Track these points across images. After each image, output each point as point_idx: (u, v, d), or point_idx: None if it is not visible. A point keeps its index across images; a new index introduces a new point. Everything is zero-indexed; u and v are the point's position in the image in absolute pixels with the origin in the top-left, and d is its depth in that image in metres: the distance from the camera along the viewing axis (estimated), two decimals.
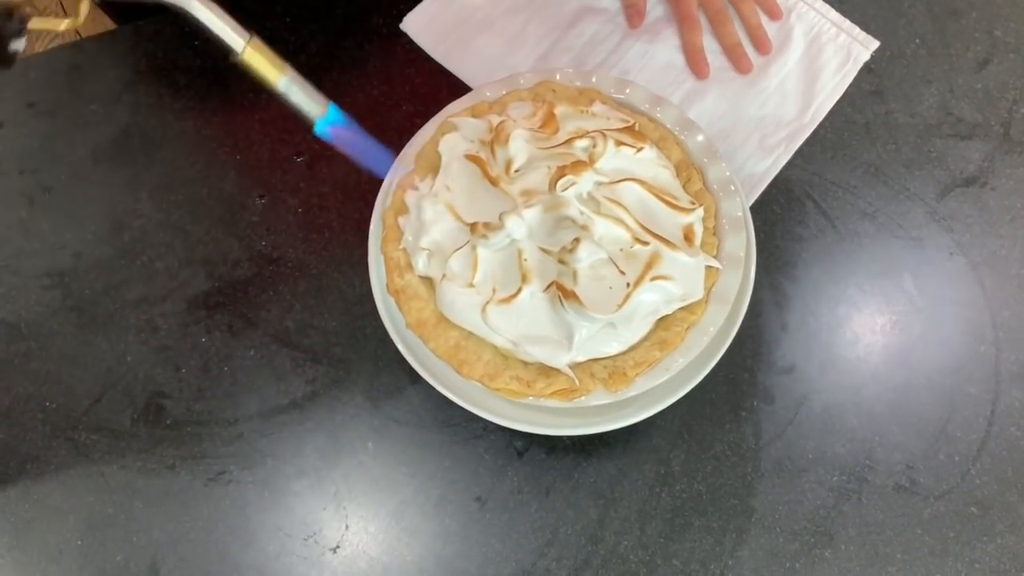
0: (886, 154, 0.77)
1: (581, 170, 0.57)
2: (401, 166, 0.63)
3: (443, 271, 0.58)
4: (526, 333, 0.56)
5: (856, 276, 0.73)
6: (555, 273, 0.56)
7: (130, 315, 0.73)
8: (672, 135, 0.65)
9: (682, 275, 0.57)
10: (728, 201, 0.62)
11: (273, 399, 0.71)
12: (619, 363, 0.57)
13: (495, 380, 0.57)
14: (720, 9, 0.81)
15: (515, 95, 0.66)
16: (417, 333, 0.59)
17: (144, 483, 0.68)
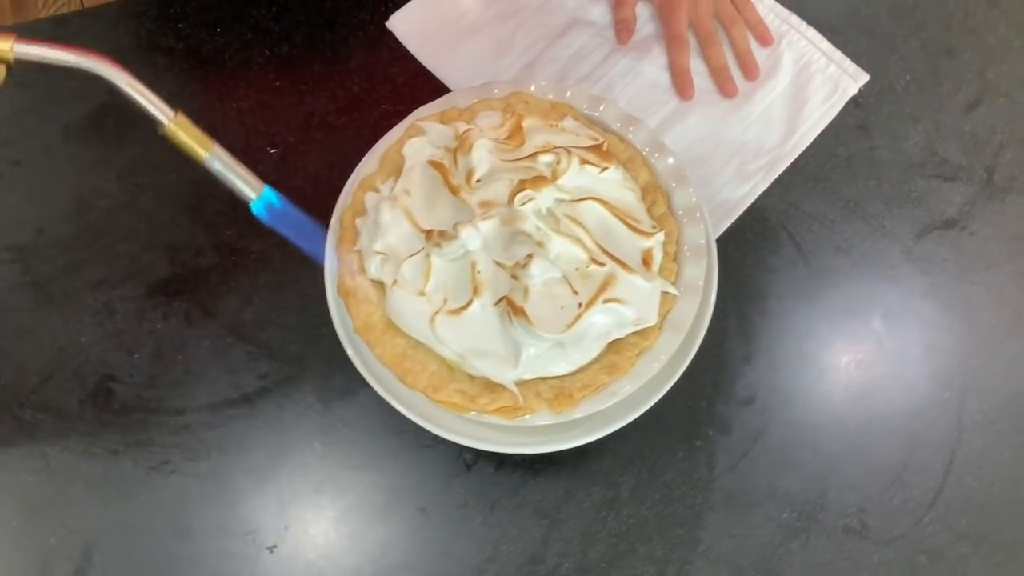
0: (866, 190, 0.76)
1: (541, 185, 0.56)
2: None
3: (395, 277, 0.57)
4: (473, 346, 0.55)
5: (825, 312, 0.72)
6: (507, 288, 0.55)
7: (88, 296, 0.72)
8: (641, 156, 0.63)
9: (636, 299, 0.56)
10: (692, 228, 0.61)
11: (224, 392, 0.69)
12: (566, 384, 0.56)
13: (439, 392, 0.56)
14: (710, 31, 0.80)
15: (486, 104, 0.65)
16: (364, 338, 0.58)
17: (86, 467, 0.67)
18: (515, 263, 0.55)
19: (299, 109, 0.79)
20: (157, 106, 0.47)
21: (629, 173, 0.63)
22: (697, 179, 0.75)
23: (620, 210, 0.59)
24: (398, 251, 0.58)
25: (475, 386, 0.57)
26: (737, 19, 0.81)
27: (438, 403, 0.56)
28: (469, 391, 0.56)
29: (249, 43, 0.82)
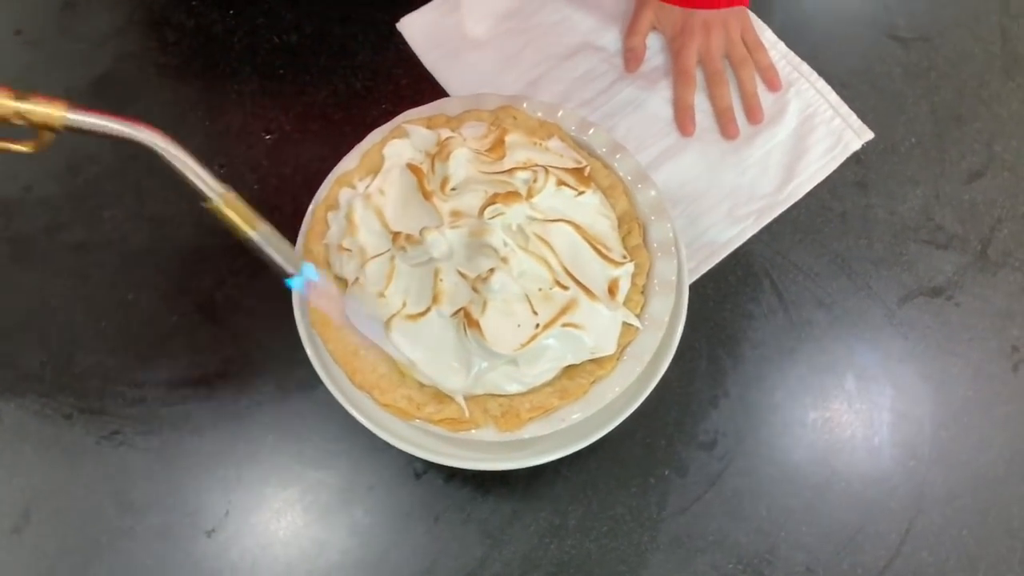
0: (856, 248, 0.75)
1: (513, 201, 0.55)
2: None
3: (357, 275, 0.57)
4: (425, 355, 0.55)
5: (799, 365, 0.71)
6: (467, 300, 0.55)
7: (65, 258, 0.73)
8: (623, 185, 0.63)
9: (596, 327, 0.55)
10: (665, 262, 0.60)
11: (184, 370, 0.69)
12: (515, 403, 0.55)
13: (385, 395, 0.55)
14: (718, 70, 0.79)
15: (475, 114, 0.65)
16: (319, 331, 0.57)
17: (37, 427, 0.67)
18: (477, 276, 0.54)
19: (299, 99, 0.79)
20: (207, 182, 0.47)
21: (608, 200, 0.62)
22: (685, 216, 0.74)
23: (592, 236, 0.58)
24: (364, 250, 0.57)
25: (424, 394, 0.56)
26: (748, 61, 0.80)
27: (384, 406, 0.56)
28: (417, 398, 0.56)
29: (259, 28, 0.82)
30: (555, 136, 0.64)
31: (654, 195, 0.62)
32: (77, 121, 0.43)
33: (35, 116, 0.42)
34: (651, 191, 0.62)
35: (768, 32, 0.83)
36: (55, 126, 0.43)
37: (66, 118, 0.43)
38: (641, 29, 0.81)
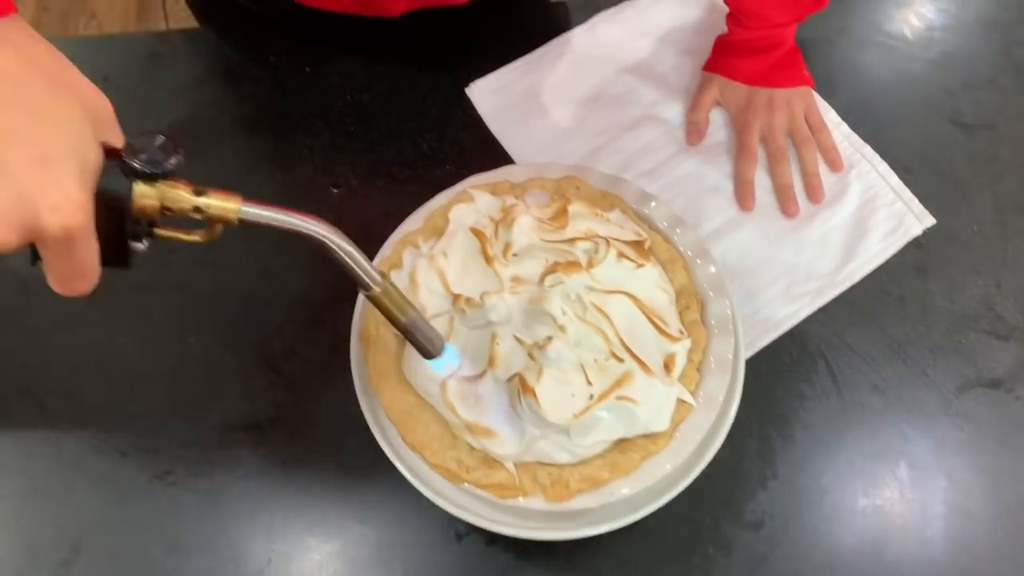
0: (914, 334, 0.74)
1: (573, 271, 0.56)
2: None
3: None
4: (479, 418, 0.55)
5: (850, 450, 0.70)
6: (522, 366, 0.55)
7: (131, 298, 0.75)
8: (682, 260, 0.63)
9: (651, 402, 0.55)
10: (722, 340, 0.60)
11: (238, 414, 0.70)
12: (565, 473, 0.55)
13: (436, 456, 0.56)
14: (780, 147, 0.80)
15: (539, 182, 0.66)
16: (375, 387, 0.58)
17: (94, 462, 0.69)
18: (534, 342, 0.55)
19: (367, 156, 0.82)
20: (369, 273, 0.48)
21: (667, 274, 0.62)
22: (742, 292, 0.74)
23: (650, 309, 0.58)
24: (425, 309, 0.58)
25: (473, 458, 0.56)
26: (810, 141, 0.81)
27: (433, 467, 0.56)
28: (466, 462, 0.56)
29: (333, 86, 0.85)
30: (616, 208, 0.65)
31: (713, 271, 0.63)
32: (251, 215, 0.43)
33: (212, 210, 0.42)
34: (710, 267, 0.63)
35: (832, 113, 0.84)
36: (230, 220, 0.43)
37: (241, 211, 0.43)
38: (705, 104, 0.82)
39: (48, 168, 0.37)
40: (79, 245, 0.39)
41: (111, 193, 0.40)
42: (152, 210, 0.41)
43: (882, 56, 0.89)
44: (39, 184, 0.36)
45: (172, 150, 0.41)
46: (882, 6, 0.92)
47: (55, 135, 0.38)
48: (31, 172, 0.36)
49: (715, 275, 0.63)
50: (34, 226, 0.37)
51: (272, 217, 0.44)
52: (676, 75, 0.86)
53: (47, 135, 0.38)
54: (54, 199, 0.37)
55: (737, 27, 0.82)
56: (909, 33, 0.90)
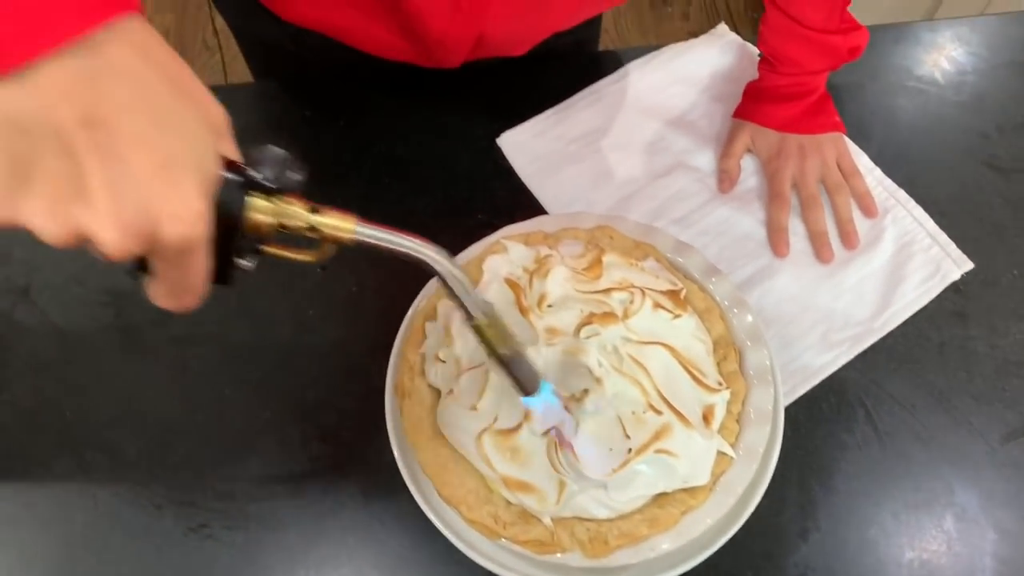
0: (956, 381, 0.73)
1: (609, 322, 0.56)
2: None
3: (452, 386, 0.57)
4: (515, 473, 0.55)
5: (894, 501, 0.68)
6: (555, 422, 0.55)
7: (168, 350, 0.75)
8: (719, 309, 0.63)
9: (690, 455, 0.54)
10: (761, 391, 0.59)
11: (273, 466, 0.70)
12: (603, 529, 0.55)
13: (473, 511, 0.55)
14: (813, 194, 0.79)
15: (572, 232, 0.66)
16: (411, 440, 0.58)
17: (130, 516, 0.69)
18: (571, 395, 0.55)
19: (400, 206, 0.82)
20: (476, 302, 0.47)
21: (704, 324, 0.62)
22: (778, 339, 0.73)
23: (687, 360, 0.58)
24: (460, 361, 0.58)
25: (510, 513, 0.56)
26: (843, 187, 0.80)
27: (470, 522, 0.56)
28: (503, 517, 0.55)
29: (368, 138, 0.86)
30: (650, 257, 0.64)
31: (751, 320, 0.62)
32: (365, 235, 0.43)
33: (326, 229, 0.42)
34: (747, 316, 0.62)
35: (864, 158, 0.84)
36: (344, 239, 0.43)
37: (356, 231, 0.42)
38: (736, 151, 0.82)
39: (171, 175, 0.35)
40: (195, 257, 0.37)
41: (226, 206, 0.38)
42: (266, 227, 0.40)
43: (914, 101, 0.89)
44: (161, 191, 0.35)
45: (295, 165, 0.40)
46: (912, 51, 0.92)
47: (178, 142, 0.36)
48: (154, 178, 0.35)
49: (752, 324, 0.62)
50: (153, 235, 0.35)
51: (385, 239, 0.43)
52: (707, 122, 0.87)
53: (170, 141, 0.36)
54: (176, 208, 0.35)
55: (771, 73, 0.82)
56: (940, 77, 0.90)
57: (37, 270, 0.79)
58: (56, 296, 0.78)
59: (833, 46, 0.79)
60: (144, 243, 0.35)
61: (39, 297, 0.78)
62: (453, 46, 0.79)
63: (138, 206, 0.35)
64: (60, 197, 0.34)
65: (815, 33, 0.78)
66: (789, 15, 0.78)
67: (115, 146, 0.34)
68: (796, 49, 0.79)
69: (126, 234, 0.34)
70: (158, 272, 0.38)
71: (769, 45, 0.81)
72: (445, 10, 0.73)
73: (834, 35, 0.78)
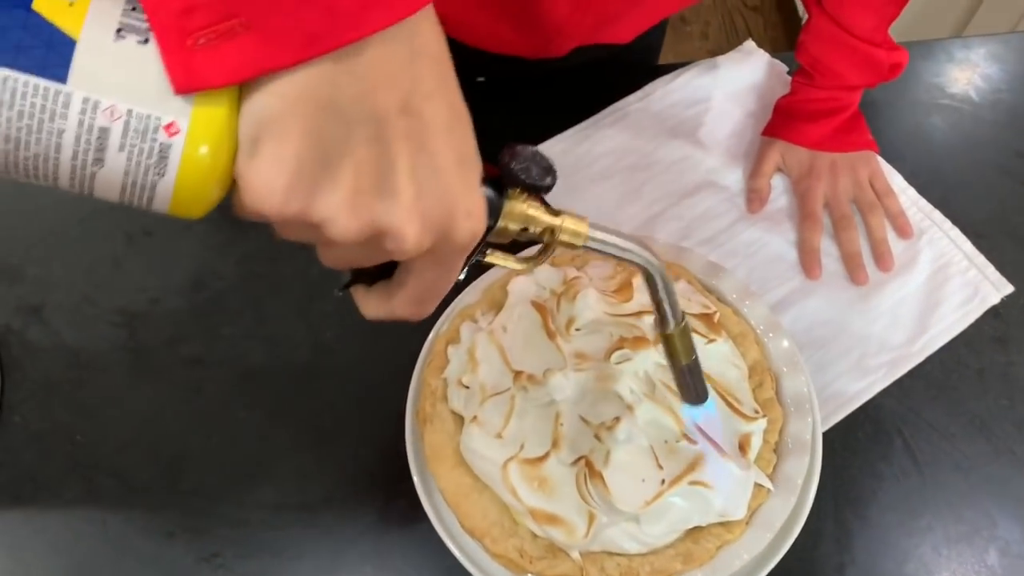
0: (997, 409, 0.70)
1: (641, 347, 0.54)
2: None
3: (475, 412, 0.55)
4: (543, 504, 0.52)
5: (934, 533, 0.66)
6: (588, 448, 0.52)
7: (181, 372, 0.74)
8: (754, 334, 0.60)
9: (726, 487, 0.52)
10: (799, 419, 0.57)
11: (289, 494, 0.68)
12: (635, 565, 0.52)
13: (497, 544, 0.53)
14: (846, 214, 0.77)
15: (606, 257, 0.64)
16: (431, 468, 0.56)
17: (141, 543, 0.67)
18: (601, 423, 0.52)
19: None
20: (675, 313, 0.46)
21: (738, 349, 0.60)
22: (812, 364, 0.71)
23: (722, 387, 0.55)
24: (485, 387, 0.56)
25: (536, 546, 0.53)
26: (877, 207, 0.78)
27: (494, 556, 0.53)
28: (529, 551, 0.53)
29: None
30: (682, 279, 0.62)
31: (786, 345, 0.60)
32: (597, 241, 0.41)
33: (564, 234, 0.39)
34: (783, 341, 0.60)
35: (897, 178, 0.81)
36: (576, 244, 0.40)
37: (589, 238, 0.40)
38: (767, 170, 0.80)
39: (465, 170, 0.34)
40: (462, 258, 0.36)
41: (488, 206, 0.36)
42: (511, 231, 0.38)
43: (948, 119, 0.86)
44: (460, 187, 0.33)
45: (550, 166, 0.38)
46: (945, 68, 0.90)
47: (469, 135, 0.35)
48: (454, 172, 0.33)
49: (788, 349, 0.60)
50: (447, 231, 0.34)
51: (614, 244, 0.41)
52: (735, 140, 0.85)
53: (466, 134, 0.34)
54: (470, 204, 0.34)
55: (807, 86, 0.80)
56: (975, 95, 0.88)
57: (51, 290, 0.78)
58: (69, 316, 0.77)
59: (877, 60, 0.77)
60: (436, 239, 0.34)
61: (52, 317, 0.77)
62: (572, 32, 0.76)
63: (440, 201, 0.33)
64: (364, 188, 0.31)
65: (861, 43, 0.75)
66: (837, 21, 0.76)
67: (425, 136, 0.32)
68: (839, 59, 0.77)
69: (425, 228, 0.33)
70: (414, 275, 0.36)
71: (810, 54, 0.79)
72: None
73: (879, 48, 0.76)
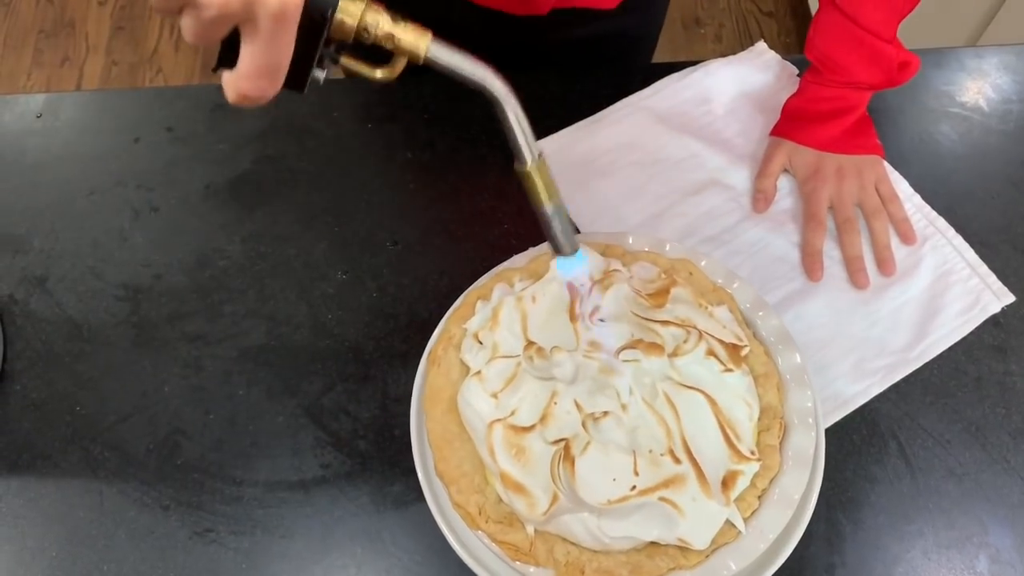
0: (993, 417, 0.70)
1: (653, 353, 0.53)
2: None
3: (481, 368, 0.57)
4: (514, 471, 0.53)
5: (925, 539, 0.66)
6: (572, 433, 0.53)
7: (182, 348, 0.74)
8: (779, 378, 0.60)
9: (695, 514, 0.52)
10: (795, 475, 0.56)
11: (284, 472, 0.69)
12: (583, 558, 0.53)
13: (461, 494, 0.56)
14: (850, 218, 0.77)
15: (653, 256, 0.64)
16: (425, 408, 0.59)
17: (135, 515, 0.67)
18: (591, 413, 0.53)
19: (426, 213, 0.81)
20: (529, 145, 0.48)
21: (756, 389, 0.59)
22: (810, 365, 0.71)
23: (726, 419, 0.55)
24: (497, 347, 0.58)
25: (497, 510, 0.55)
26: (881, 212, 0.78)
27: (456, 505, 0.55)
28: (489, 511, 0.55)
29: (394, 142, 0.85)
30: (725, 305, 0.62)
31: (809, 404, 0.59)
32: (438, 54, 0.43)
33: (404, 42, 0.43)
34: (807, 394, 0.59)
35: (904, 184, 0.81)
36: (417, 55, 0.43)
37: (430, 48, 0.43)
38: (773, 171, 0.80)
39: None
40: (284, 32, 0.39)
41: (318, 3, 0.40)
42: (348, 31, 0.41)
43: (957, 128, 0.86)
44: None
45: None
46: (956, 77, 0.90)
47: None
48: None
49: (809, 408, 0.59)
50: None
51: (456, 62, 0.44)
52: (742, 140, 0.85)
53: None
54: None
55: (814, 84, 0.80)
56: (985, 105, 0.88)
57: (55, 261, 0.78)
58: (73, 288, 0.77)
59: (885, 55, 0.76)
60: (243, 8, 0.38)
61: (56, 288, 0.77)
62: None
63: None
64: None
65: (868, 35, 0.75)
66: (846, 13, 0.75)
67: None
68: (847, 53, 0.77)
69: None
70: (246, 47, 0.40)
71: (818, 48, 0.79)
72: None
73: (888, 44, 0.76)
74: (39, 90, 2.20)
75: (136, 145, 0.85)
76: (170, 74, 2.23)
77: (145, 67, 2.24)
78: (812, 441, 0.57)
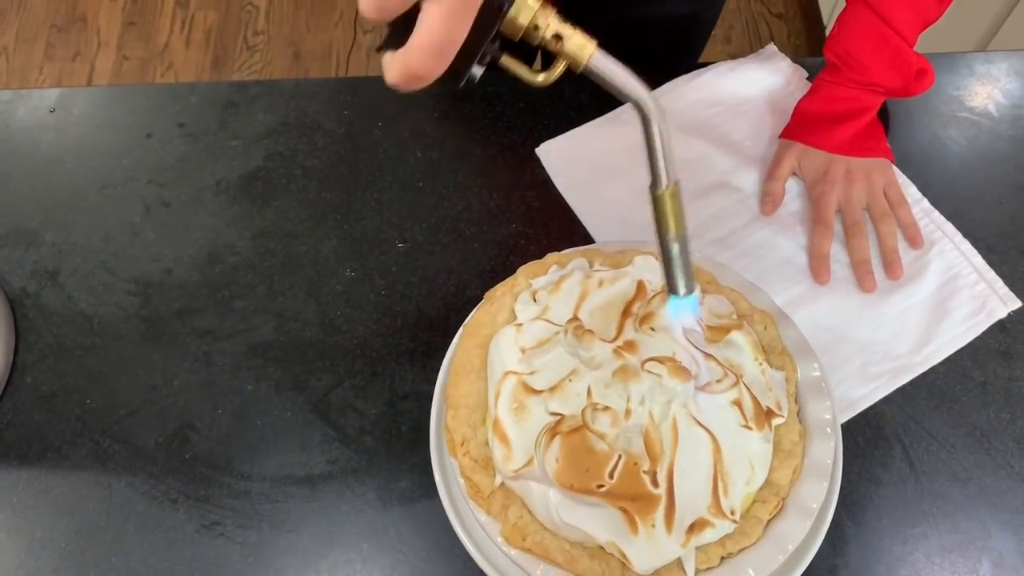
0: (998, 422, 0.70)
1: (677, 376, 0.53)
2: None
3: (523, 322, 0.60)
4: (507, 422, 0.56)
5: (928, 542, 0.66)
6: (570, 413, 0.55)
7: (192, 342, 0.75)
8: (798, 463, 0.58)
9: (647, 541, 0.51)
10: (761, 553, 0.55)
11: (290, 467, 0.69)
12: (530, 528, 0.56)
13: (455, 420, 0.59)
14: (857, 221, 0.77)
15: (737, 295, 0.65)
16: (465, 330, 0.63)
17: (143, 508, 0.68)
18: (595, 403, 0.53)
19: (434, 212, 0.81)
20: (667, 168, 0.47)
21: (772, 460, 0.58)
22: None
23: (723, 471, 0.54)
24: (548, 309, 0.60)
25: (478, 450, 0.58)
26: (889, 216, 0.78)
27: (446, 428, 0.59)
28: (470, 448, 0.58)
29: (404, 141, 0.85)
30: (784, 373, 0.61)
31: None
32: (599, 65, 0.42)
33: (570, 45, 0.41)
34: (823, 485, 0.58)
35: (912, 188, 0.82)
36: (580, 61, 0.42)
37: (594, 56, 0.42)
38: (782, 174, 0.80)
39: None
40: (467, 11, 0.38)
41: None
42: (519, 27, 0.41)
43: (966, 133, 0.86)
44: None
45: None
46: (966, 82, 0.90)
47: None
48: None
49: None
50: None
51: (616, 75, 0.43)
52: (751, 143, 0.85)
53: None
54: None
55: (830, 83, 0.80)
56: (994, 110, 0.88)
57: (67, 255, 0.79)
58: (84, 282, 0.78)
59: (906, 59, 0.77)
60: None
61: (67, 282, 0.78)
62: None
63: None
64: None
65: (895, 36, 0.75)
66: (876, 10, 0.75)
67: None
68: (870, 51, 0.77)
69: None
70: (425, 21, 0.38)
71: (842, 44, 0.79)
72: None
73: (911, 49, 0.76)
74: (50, 84, 2.22)
75: (148, 141, 0.86)
76: (180, 70, 2.24)
77: (156, 62, 2.25)
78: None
